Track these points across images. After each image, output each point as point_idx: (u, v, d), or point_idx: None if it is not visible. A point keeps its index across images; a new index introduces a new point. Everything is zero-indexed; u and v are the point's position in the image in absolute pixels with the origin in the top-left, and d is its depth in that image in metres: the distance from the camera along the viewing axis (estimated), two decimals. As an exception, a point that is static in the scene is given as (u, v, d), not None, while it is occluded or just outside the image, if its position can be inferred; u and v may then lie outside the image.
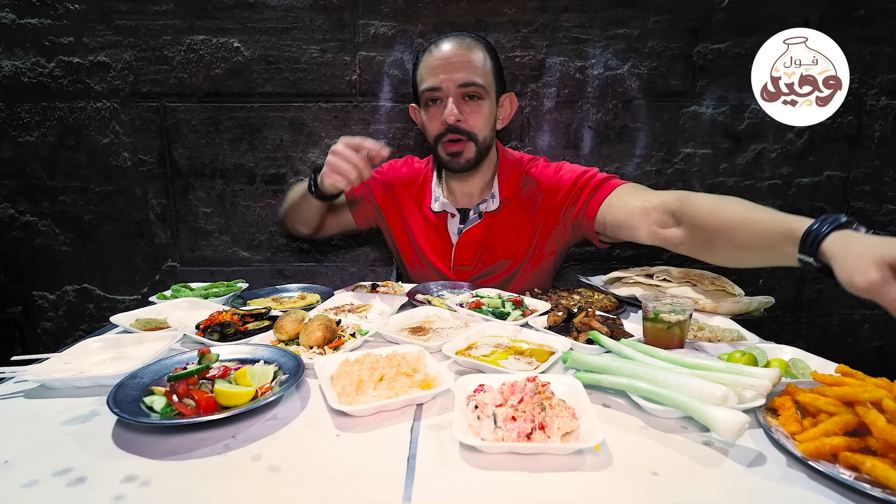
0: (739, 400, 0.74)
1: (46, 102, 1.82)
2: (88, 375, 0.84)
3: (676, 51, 1.85)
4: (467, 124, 1.34)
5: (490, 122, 1.39)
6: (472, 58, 1.32)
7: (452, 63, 1.31)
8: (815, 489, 0.59)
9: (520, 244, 1.47)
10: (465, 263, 1.50)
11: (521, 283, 1.52)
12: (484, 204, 1.46)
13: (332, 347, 0.96)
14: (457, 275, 1.51)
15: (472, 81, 1.31)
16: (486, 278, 1.52)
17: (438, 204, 1.49)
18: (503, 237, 1.47)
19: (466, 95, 1.33)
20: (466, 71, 1.31)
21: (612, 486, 0.59)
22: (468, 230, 1.47)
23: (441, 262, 1.52)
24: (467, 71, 1.31)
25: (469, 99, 1.33)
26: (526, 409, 0.68)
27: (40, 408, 0.79)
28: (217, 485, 0.60)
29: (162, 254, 1.96)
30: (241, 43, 1.80)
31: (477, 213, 1.47)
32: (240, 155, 1.89)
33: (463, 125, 1.34)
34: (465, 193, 1.50)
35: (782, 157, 1.93)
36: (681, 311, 0.96)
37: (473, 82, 1.31)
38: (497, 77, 1.39)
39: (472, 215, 1.48)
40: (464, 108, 1.33)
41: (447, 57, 1.31)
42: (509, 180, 1.47)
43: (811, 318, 2.07)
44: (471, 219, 1.48)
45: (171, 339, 0.99)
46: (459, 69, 1.30)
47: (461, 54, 1.31)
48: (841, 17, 1.82)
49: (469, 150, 1.37)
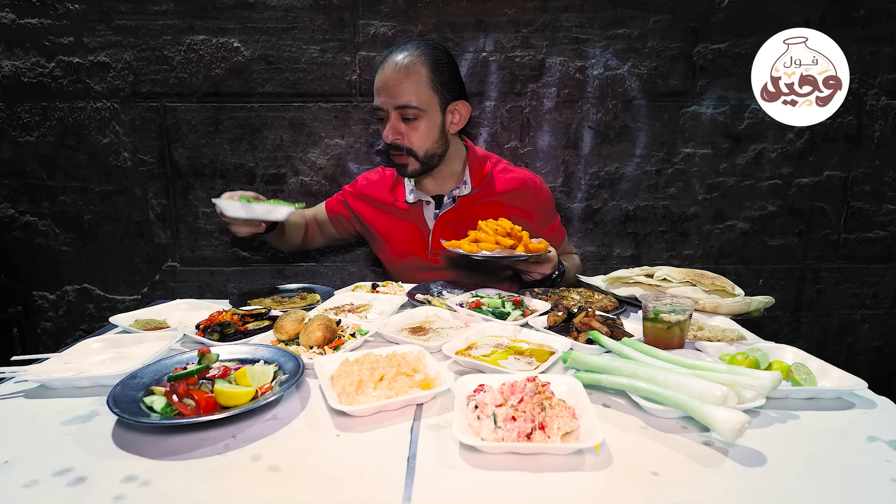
0: (739, 400, 0.74)
1: (46, 102, 1.82)
2: (88, 375, 0.84)
3: (676, 51, 1.85)
4: (406, 141, 1.44)
5: (431, 136, 1.46)
6: (406, 81, 1.39)
7: (389, 87, 1.39)
8: (818, 489, 0.59)
9: None
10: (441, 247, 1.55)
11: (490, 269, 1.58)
12: (457, 190, 1.56)
13: (332, 347, 0.96)
14: (434, 258, 1.57)
15: (406, 104, 1.39)
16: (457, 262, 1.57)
17: (413, 196, 1.57)
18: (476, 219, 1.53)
19: (403, 117, 1.42)
20: (401, 95, 1.39)
21: (612, 486, 0.59)
22: (444, 213, 1.56)
23: (419, 248, 1.59)
24: (402, 95, 1.39)
25: (406, 120, 1.42)
26: (526, 409, 0.68)
27: (40, 408, 0.78)
28: (217, 485, 0.60)
29: (162, 254, 1.96)
30: (241, 43, 1.80)
31: (451, 199, 1.56)
32: (240, 155, 1.89)
33: (401, 142, 1.44)
34: (437, 184, 1.59)
35: (782, 157, 1.93)
36: (681, 311, 0.96)
37: (407, 105, 1.39)
38: (443, 88, 1.44)
39: (446, 200, 1.57)
40: (402, 127, 1.43)
41: (385, 80, 1.40)
42: (478, 170, 1.57)
43: (811, 318, 2.07)
44: (445, 203, 1.57)
45: (171, 339, 0.99)
46: (394, 93, 1.39)
47: (396, 77, 1.39)
48: (841, 17, 1.82)
49: (411, 162, 1.47)
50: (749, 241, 2.00)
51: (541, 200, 1.60)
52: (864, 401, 0.81)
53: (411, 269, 1.59)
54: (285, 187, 1.92)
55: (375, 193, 1.63)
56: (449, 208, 1.56)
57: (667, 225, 1.99)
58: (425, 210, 1.58)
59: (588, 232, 2.00)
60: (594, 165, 1.95)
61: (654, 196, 1.97)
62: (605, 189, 1.97)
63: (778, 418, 0.75)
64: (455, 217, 1.55)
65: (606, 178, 1.96)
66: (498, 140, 1.93)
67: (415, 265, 1.59)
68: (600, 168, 1.95)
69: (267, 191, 1.92)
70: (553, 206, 1.67)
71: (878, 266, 2.03)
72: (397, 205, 1.59)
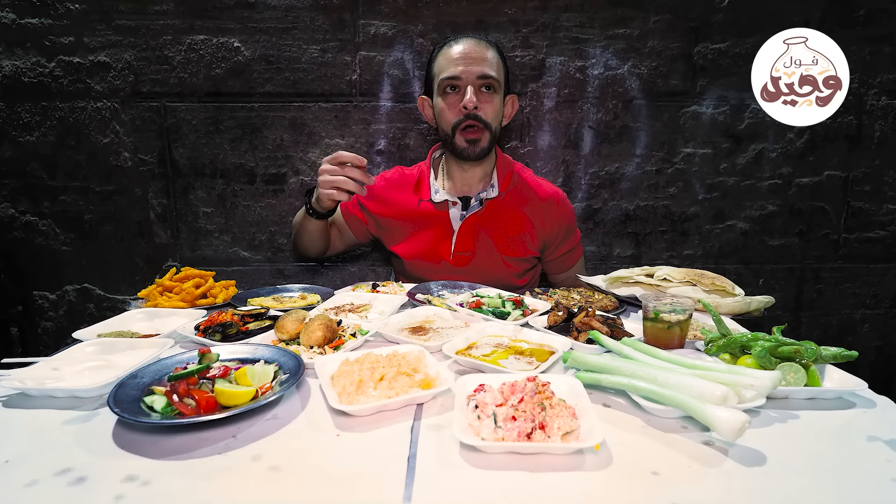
0: (740, 400, 0.74)
1: (47, 102, 1.82)
2: (63, 387, 0.81)
3: (676, 51, 1.85)
4: (484, 113, 1.45)
5: (499, 116, 1.52)
6: (488, 54, 1.46)
7: (472, 57, 1.44)
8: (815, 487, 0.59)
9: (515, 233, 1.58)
10: (466, 249, 1.57)
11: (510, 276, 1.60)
12: (485, 192, 1.55)
13: (333, 347, 0.96)
14: (456, 260, 1.56)
15: (489, 74, 1.44)
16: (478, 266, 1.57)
17: (439, 195, 1.55)
18: (502, 224, 1.56)
19: (483, 87, 1.45)
20: (484, 64, 1.44)
21: (612, 486, 0.59)
22: (471, 216, 1.55)
23: (442, 248, 1.57)
24: (485, 65, 1.44)
25: (485, 90, 1.45)
26: (526, 409, 0.68)
27: (41, 408, 0.78)
28: (217, 485, 0.60)
29: (162, 254, 1.96)
30: (241, 43, 1.80)
31: (478, 201, 1.55)
32: (240, 155, 1.89)
33: (480, 113, 1.45)
34: (466, 183, 1.59)
35: (782, 156, 1.93)
36: (681, 311, 0.96)
37: (490, 75, 1.44)
38: (506, 77, 1.53)
39: (473, 202, 1.56)
40: (481, 98, 1.45)
41: (467, 51, 1.44)
42: (506, 174, 1.59)
43: (811, 318, 2.07)
44: (472, 206, 1.56)
45: (162, 346, 0.96)
46: (479, 62, 1.44)
47: (479, 51, 1.45)
48: (841, 17, 1.82)
49: (484, 138, 1.48)
50: (749, 240, 2.00)
51: (563, 216, 1.61)
52: (864, 401, 0.81)
53: (432, 270, 1.57)
54: (285, 187, 1.92)
55: (396, 192, 1.61)
56: (476, 211, 1.54)
57: (667, 225, 1.99)
58: (451, 211, 1.56)
59: (588, 232, 2.00)
60: (594, 165, 1.95)
61: (654, 196, 1.97)
62: (606, 189, 1.96)
63: (778, 418, 0.75)
64: (481, 221, 1.55)
65: (606, 178, 1.96)
66: (498, 140, 1.92)
67: (436, 267, 1.57)
68: (600, 168, 1.95)
69: (267, 191, 1.92)
70: (573, 223, 1.66)
71: (879, 266, 2.03)
72: (422, 205, 1.57)
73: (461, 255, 1.56)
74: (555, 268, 1.69)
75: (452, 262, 1.56)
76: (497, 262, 1.57)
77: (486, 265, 1.56)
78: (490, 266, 1.57)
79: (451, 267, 1.56)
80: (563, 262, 1.68)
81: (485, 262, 1.56)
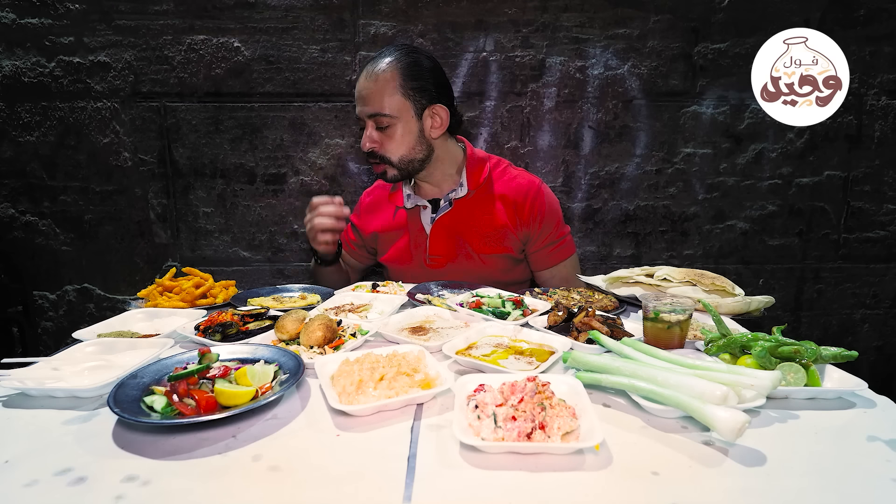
0: (739, 400, 0.74)
1: (47, 102, 1.82)
2: (63, 387, 0.81)
3: (676, 51, 1.85)
4: (381, 149, 1.45)
5: (407, 142, 1.45)
6: (376, 89, 1.40)
7: (362, 96, 1.42)
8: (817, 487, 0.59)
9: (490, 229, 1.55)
10: (439, 252, 1.56)
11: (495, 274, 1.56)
12: (453, 192, 1.54)
13: (333, 347, 0.96)
14: (432, 263, 1.56)
15: (377, 113, 1.41)
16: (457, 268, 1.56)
17: (410, 200, 1.57)
18: (473, 223, 1.55)
19: (377, 125, 1.43)
20: (373, 104, 1.40)
21: (612, 486, 0.59)
22: (441, 217, 1.55)
23: (419, 254, 1.58)
24: (372, 103, 1.41)
25: (380, 128, 1.44)
26: (526, 409, 0.68)
27: (40, 408, 0.78)
28: (217, 485, 0.60)
29: (162, 253, 1.96)
30: (241, 43, 1.80)
31: (447, 202, 1.55)
32: (240, 155, 1.89)
33: (377, 150, 1.45)
34: (432, 188, 1.58)
35: (782, 156, 1.93)
36: (681, 310, 0.96)
37: (378, 113, 1.41)
38: (418, 93, 1.43)
39: (442, 204, 1.55)
40: (377, 136, 1.44)
41: (359, 89, 1.43)
42: (476, 173, 1.55)
43: (811, 318, 2.07)
44: (442, 207, 1.55)
45: (162, 346, 0.96)
46: (366, 101, 1.41)
47: (367, 86, 1.41)
48: (841, 17, 1.82)
49: (389, 170, 1.48)
50: (749, 240, 2.00)
51: (539, 205, 1.54)
52: (864, 401, 0.81)
53: (412, 276, 1.56)
54: (285, 187, 1.92)
55: (377, 204, 1.65)
56: (445, 212, 1.54)
57: (667, 225, 1.99)
58: (422, 215, 1.57)
59: (588, 232, 2.00)
60: (594, 165, 1.95)
61: (654, 196, 1.97)
62: (606, 189, 1.97)
63: (778, 418, 0.75)
64: (453, 221, 1.54)
65: (606, 178, 1.96)
66: (498, 140, 1.93)
67: (415, 272, 1.57)
68: (600, 168, 1.95)
69: (267, 190, 1.92)
70: (559, 217, 1.58)
71: (878, 266, 2.03)
72: (398, 212, 1.59)
73: (436, 259, 1.56)
74: (537, 263, 1.60)
75: (429, 266, 1.56)
76: (475, 261, 1.56)
77: (464, 266, 1.55)
78: (470, 266, 1.55)
79: (428, 271, 1.55)
80: (546, 257, 1.59)
81: (462, 262, 1.55)
